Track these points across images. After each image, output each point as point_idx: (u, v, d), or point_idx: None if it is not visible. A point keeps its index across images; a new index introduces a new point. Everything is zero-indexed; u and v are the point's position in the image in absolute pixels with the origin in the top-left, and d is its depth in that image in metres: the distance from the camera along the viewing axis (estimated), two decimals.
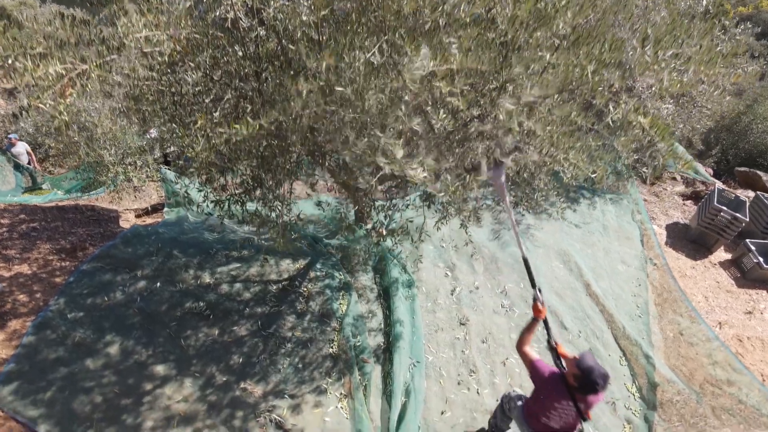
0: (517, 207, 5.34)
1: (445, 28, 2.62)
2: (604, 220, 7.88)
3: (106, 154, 8.89)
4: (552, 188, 4.64)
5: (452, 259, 6.29)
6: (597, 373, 2.93)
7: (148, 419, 3.90)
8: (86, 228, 6.12)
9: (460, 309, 5.58)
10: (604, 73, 2.78)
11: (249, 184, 3.99)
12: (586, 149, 3.53)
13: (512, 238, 6.72)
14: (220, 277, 5.31)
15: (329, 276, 5.58)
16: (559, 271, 6.55)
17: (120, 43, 3.05)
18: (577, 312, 5.90)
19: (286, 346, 4.71)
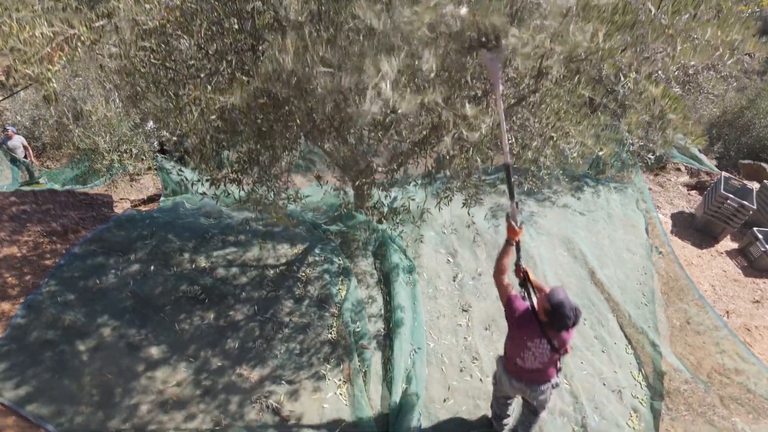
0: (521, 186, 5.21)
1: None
2: (608, 209, 7.78)
3: (101, 141, 8.80)
4: (558, 164, 4.54)
5: (454, 246, 6.20)
6: (568, 307, 2.83)
7: (142, 403, 3.81)
8: (78, 211, 6.01)
9: (462, 295, 5.49)
10: (618, 36, 2.66)
11: (245, 162, 3.88)
12: (593, 126, 3.43)
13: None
14: (216, 261, 5.21)
15: (328, 261, 5.48)
16: (563, 258, 6.46)
17: (111, 9, 2.94)
18: (582, 300, 5.81)
19: (284, 331, 4.61)
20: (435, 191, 4.82)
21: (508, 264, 3.14)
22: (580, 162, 3.80)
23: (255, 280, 5.08)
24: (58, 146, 10.17)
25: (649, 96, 3.04)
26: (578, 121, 3.40)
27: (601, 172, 8.56)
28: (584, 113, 3.45)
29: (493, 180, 7.49)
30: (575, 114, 3.42)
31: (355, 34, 2.67)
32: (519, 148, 3.96)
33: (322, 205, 6.82)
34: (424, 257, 5.86)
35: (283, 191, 4.06)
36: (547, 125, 3.60)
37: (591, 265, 6.31)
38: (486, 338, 5.04)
